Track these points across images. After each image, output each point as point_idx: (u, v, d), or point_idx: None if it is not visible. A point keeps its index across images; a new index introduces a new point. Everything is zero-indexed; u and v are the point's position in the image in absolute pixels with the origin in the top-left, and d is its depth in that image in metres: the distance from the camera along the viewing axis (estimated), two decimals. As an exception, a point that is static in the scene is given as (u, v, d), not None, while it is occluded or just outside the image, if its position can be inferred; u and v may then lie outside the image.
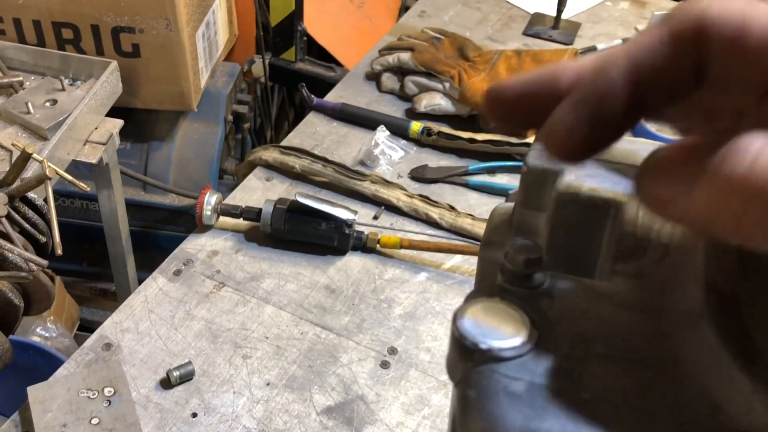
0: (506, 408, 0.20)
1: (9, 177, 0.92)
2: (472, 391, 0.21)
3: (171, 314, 0.89)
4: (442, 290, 0.96)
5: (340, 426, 0.79)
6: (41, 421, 0.75)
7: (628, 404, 0.20)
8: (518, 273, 0.24)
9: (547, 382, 0.21)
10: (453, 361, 0.23)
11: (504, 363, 0.22)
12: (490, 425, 0.20)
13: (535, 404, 0.20)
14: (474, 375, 0.22)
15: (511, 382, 0.21)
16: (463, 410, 0.21)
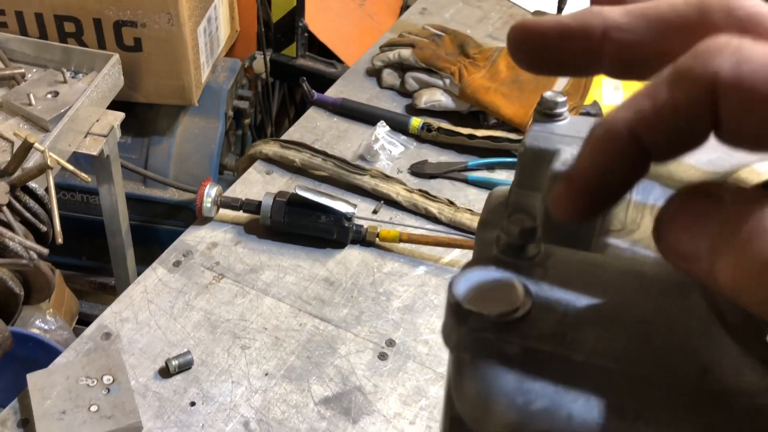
0: (499, 370, 0.21)
1: (10, 167, 0.92)
2: (467, 354, 0.22)
3: (170, 305, 0.89)
4: (441, 284, 0.97)
5: (337, 416, 0.79)
6: (40, 408, 0.75)
7: (619, 368, 0.20)
8: (513, 244, 0.25)
9: (540, 346, 0.21)
10: (449, 326, 0.23)
11: (498, 327, 0.22)
12: (483, 386, 0.21)
13: (528, 366, 0.21)
14: (468, 338, 0.22)
15: (504, 346, 0.21)
16: (458, 373, 0.22)
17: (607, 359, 0.21)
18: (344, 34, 1.95)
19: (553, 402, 0.20)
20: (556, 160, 0.31)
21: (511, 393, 0.20)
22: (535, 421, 0.20)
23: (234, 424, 0.78)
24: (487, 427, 0.21)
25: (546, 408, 0.20)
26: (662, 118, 0.20)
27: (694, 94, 0.19)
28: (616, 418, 0.19)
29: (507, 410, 0.20)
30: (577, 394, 0.20)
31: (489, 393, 0.20)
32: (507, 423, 0.20)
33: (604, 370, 0.20)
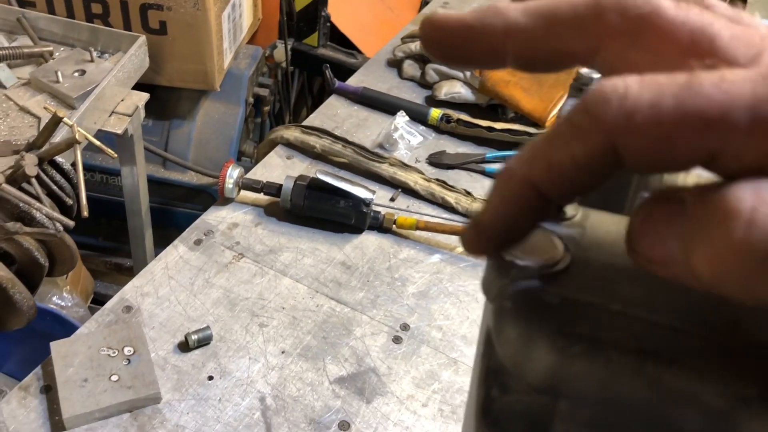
0: (540, 316, 0.22)
1: (39, 140, 0.94)
2: (509, 302, 0.23)
3: (190, 281, 0.91)
4: (456, 272, 0.98)
5: (351, 395, 0.81)
6: (63, 375, 0.77)
7: (656, 319, 0.22)
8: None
9: (580, 296, 0.23)
10: (489, 279, 0.25)
11: (539, 279, 0.23)
12: (524, 330, 0.22)
13: (568, 313, 0.22)
14: (510, 288, 0.23)
15: (545, 295, 0.23)
16: (500, 320, 0.23)
17: (643, 309, 0.22)
18: (364, 25, 1.97)
19: (592, 345, 0.21)
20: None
21: (551, 336, 0.21)
22: (574, 362, 0.21)
23: (250, 399, 0.79)
24: (528, 368, 0.22)
25: (585, 351, 0.21)
26: (561, 172, 0.20)
27: (590, 148, 0.20)
28: (651, 362, 0.20)
29: (548, 352, 0.21)
30: (615, 339, 0.21)
31: (530, 336, 0.22)
32: (547, 364, 0.21)
33: (640, 318, 0.22)
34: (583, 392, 0.21)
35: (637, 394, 0.20)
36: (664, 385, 0.20)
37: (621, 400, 0.21)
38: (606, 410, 0.21)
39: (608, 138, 0.19)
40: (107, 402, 0.75)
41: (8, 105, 1.10)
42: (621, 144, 0.19)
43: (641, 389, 0.20)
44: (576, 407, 0.22)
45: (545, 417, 0.23)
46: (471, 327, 0.91)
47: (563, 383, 0.21)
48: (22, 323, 0.85)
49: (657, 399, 0.20)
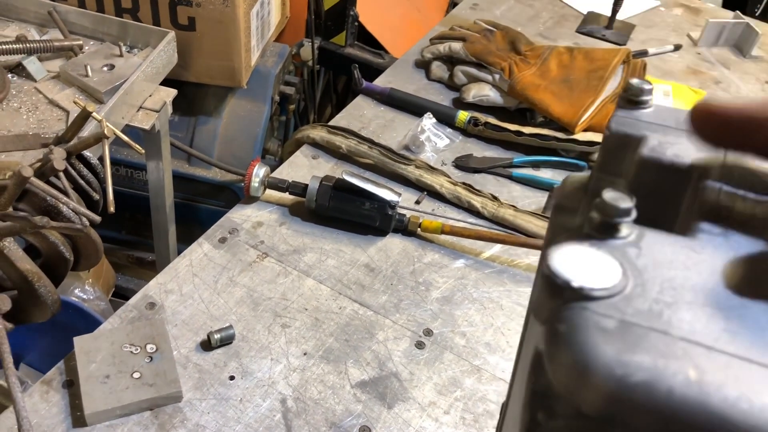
0: (598, 341, 0.21)
1: (67, 134, 0.94)
2: (563, 326, 0.22)
3: (214, 279, 0.90)
4: (480, 278, 0.97)
5: (372, 400, 0.80)
6: (85, 371, 0.77)
7: (719, 347, 0.20)
8: (607, 222, 0.25)
9: (638, 321, 0.21)
10: (541, 299, 0.24)
11: (594, 302, 0.22)
12: (581, 356, 0.21)
13: (627, 339, 0.21)
14: (565, 311, 0.22)
15: (601, 319, 0.22)
16: (553, 344, 0.22)
17: (707, 338, 0.21)
18: (392, 25, 1.96)
19: (653, 376, 0.20)
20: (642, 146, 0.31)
21: (609, 364, 0.20)
22: (634, 392, 0.20)
23: (271, 400, 0.78)
24: (583, 396, 0.21)
25: (645, 381, 0.20)
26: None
27: None
28: (718, 396, 0.19)
29: (605, 381, 0.20)
30: (678, 370, 0.20)
31: (587, 363, 0.21)
32: (605, 393, 0.20)
33: (704, 347, 0.20)
34: (642, 424, 0.20)
35: (702, 429, 0.19)
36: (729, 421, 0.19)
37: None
38: (666, 444, 0.20)
39: None
40: (129, 399, 0.75)
41: (38, 98, 1.11)
42: None
43: (705, 425, 0.19)
44: (633, 439, 0.20)
45: (597, 446, 0.22)
46: (495, 334, 0.89)
47: (621, 413, 0.20)
48: (46, 316, 0.85)
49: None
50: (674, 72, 1.47)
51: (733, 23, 1.56)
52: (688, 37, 1.60)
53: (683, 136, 0.31)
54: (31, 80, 1.13)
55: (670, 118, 0.32)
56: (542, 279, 0.23)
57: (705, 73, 1.48)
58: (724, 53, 1.56)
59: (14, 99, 1.10)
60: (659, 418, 0.20)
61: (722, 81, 1.46)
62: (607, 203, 0.24)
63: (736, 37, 1.57)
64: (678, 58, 1.52)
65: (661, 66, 1.48)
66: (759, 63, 1.54)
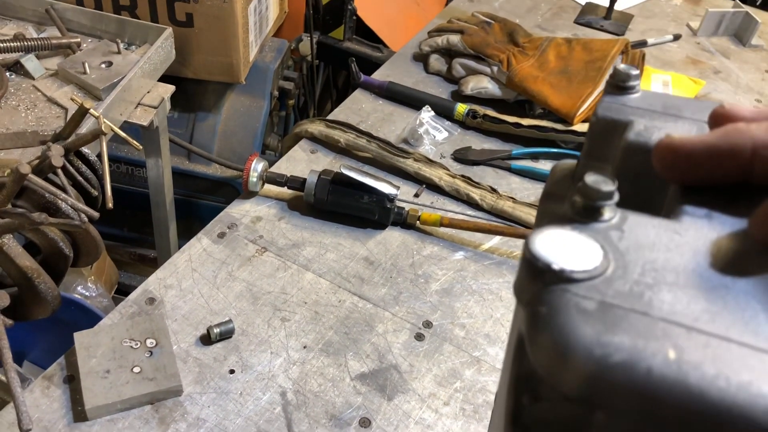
0: (577, 322, 0.21)
1: (65, 131, 0.94)
2: (543, 308, 0.22)
3: (213, 274, 0.91)
4: (480, 270, 0.97)
5: (372, 392, 0.80)
6: (86, 366, 0.77)
7: (699, 327, 0.21)
8: (589, 206, 0.25)
9: (618, 303, 0.22)
10: (522, 282, 0.24)
11: (575, 284, 0.22)
12: (561, 338, 0.21)
13: (606, 320, 0.21)
14: (545, 293, 0.22)
15: (581, 301, 0.22)
16: (534, 325, 0.22)
17: (687, 318, 0.21)
18: (390, 19, 1.95)
19: (632, 356, 0.20)
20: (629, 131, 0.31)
21: (589, 345, 0.20)
22: (613, 373, 0.20)
23: (271, 393, 0.79)
24: (564, 378, 0.21)
25: (625, 361, 0.20)
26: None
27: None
28: (696, 375, 0.19)
29: (585, 361, 0.20)
30: (657, 349, 0.20)
31: (567, 345, 0.21)
32: (585, 374, 0.20)
33: (684, 327, 0.21)
34: (622, 404, 0.20)
35: (680, 407, 0.19)
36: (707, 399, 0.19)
37: (662, 413, 0.20)
38: (646, 423, 0.20)
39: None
40: (129, 393, 0.75)
41: (36, 95, 1.11)
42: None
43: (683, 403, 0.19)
44: (614, 419, 0.21)
45: (579, 427, 0.22)
46: (494, 326, 0.89)
47: (601, 394, 0.20)
48: (47, 313, 0.86)
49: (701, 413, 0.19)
50: (674, 62, 1.47)
51: (732, 12, 1.56)
52: (688, 27, 1.60)
53: (670, 120, 0.31)
54: (29, 78, 1.13)
55: (657, 103, 0.32)
56: (524, 262, 0.24)
57: (704, 63, 1.48)
58: (723, 42, 1.56)
59: (12, 97, 1.10)
60: (639, 397, 0.20)
61: (722, 70, 1.46)
62: (589, 187, 0.24)
63: (735, 26, 1.57)
64: (677, 47, 1.52)
65: (660, 56, 1.48)
66: (759, 52, 1.53)
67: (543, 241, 0.23)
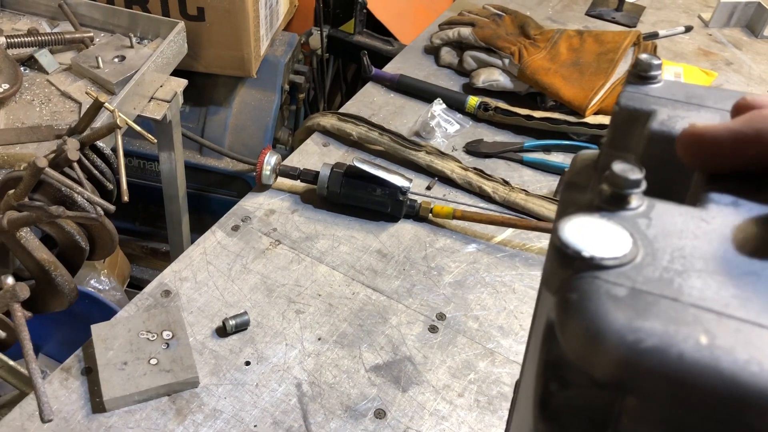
0: (609, 308, 0.21)
1: (80, 125, 0.95)
2: (574, 295, 0.22)
3: (228, 267, 0.91)
4: (492, 262, 0.97)
5: (387, 384, 0.81)
6: (103, 358, 0.78)
7: (729, 312, 0.21)
8: (617, 194, 0.25)
9: (648, 289, 0.22)
10: (551, 270, 0.24)
11: (605, 271, 0.22)
12: (592, 324, 0.21)
13: (637, 306, 0.21)
14: (575, 280, 0.22)
15: (612, 287, 0.22)
16: (564, 312, 0.22)
17: (717, 304, 0.21)
18: (400, 12, 1.95)
19: (664, 341, 0.20)
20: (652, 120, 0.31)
21: (620, 331, 0.21)
22: (644, 358, 0.20)
23: (287, 385, 0.79)
24: (595, 364, 0.21)
25: (656, 346, 0.20)
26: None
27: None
28: (728, 360, 0.20)
29: (617, 347, 0.20)
30: (689, 335, 0.20)
31: (598, 331, 0.21)
32: (616, 359, 0.20)
33: (715, 313, 0.21)
34: (654, 389, 0.20)
35: (712, 392, 0.19)
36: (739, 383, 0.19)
37: (694, 398, 0.20)
38: (677, 408, 0.20)
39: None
40: (146, 385, 0.76)
41: (50, 90, 1.11)
42: None
43: (716, 388, 0.20)
44: (645, 404, 0.21)
45: (609, 413, 0.22)
46: (508, 318, 0.90)
47: (632, 379, 0.21)
48: (64, 305, 0.86)
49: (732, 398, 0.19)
50: (685, 54, 1.46)
51: (744, 3, 1.55)
52: (699, 18, 1.59)
53: (692, 110, 0.31)
54: (44, 73, 1.14)
55: (680, 92, 0.32)
56: (553, 250, 0.24)
57: (716, 54, 1.47)
58: (735, 34, 1.55)
59: (27, 92, 1.11)
60: (670, 382, 0.20)
61: (734, 62, 1.45)
62: (617, 175, 0.25)
63: (747, 17, 1.56)
64: (689, 39, 1.51)
65: (671, 48, 1.47)
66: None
67: (572, 229, 0.24)
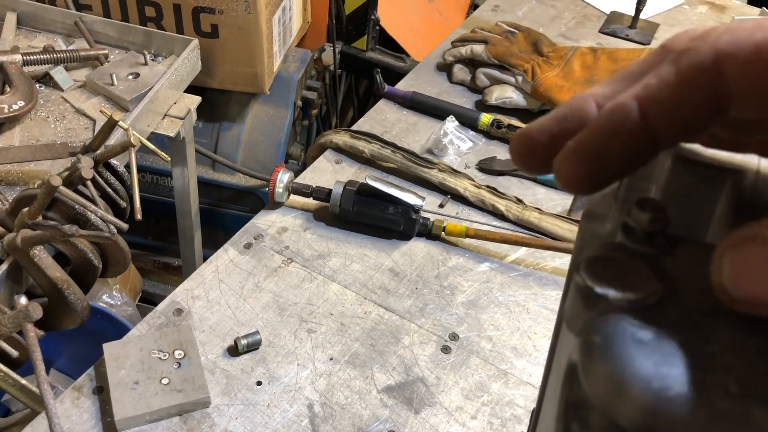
0: (635, 353, 0.21)
1: (95, 143, 0.96)
2: (598, 338, 0.22)
3: (240, 285, 0.91)
4: (506, 281, 0.96)
5: (399, 405, 0.80)
6: (115, 377, 0.78)
7: (759, 362, 0.20)
8: (641, 230, 0.24)
9: (675, 333, 0.21)
10: (575, 310, 0.23)
11: (630, 313, 0.22)
12: (618, 369, 0.21)
13: (664, 351, 0.21)
14: (600, 322, 0.22)
15: (638, 331, 0.21)
16: (588, 356, 0.22)
17: (747, 352, 0.20)
18: (413, 28, 1.96)
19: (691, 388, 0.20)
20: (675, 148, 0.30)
21: (647, 377, 0.20)
22: (672, 406, 0.20)
23: (298, 405, 0.79)
24: (620, 410, 0.21)
25: (684, 394, 0.20)
26: (670, 93, 0.21)
27: (697, 65, 0.20)
28: (758, 409, 0.19)
29: (643, 394, 0.20)
30: (717, 382, 0.20)
31: (624, 376, 0.20)
32: (642, 407, 0.20)
33: (745, 360, 0.20)
34: (681, 438, 0.20)
35: (742, 443, 0.19)
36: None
37: (724, 448, 0.19)
38: (706, 458, 0.20)
39: (715, 57, 0.20)
40: (158, 405, 0.75)
41: (65, 107, 1.12)
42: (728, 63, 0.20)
43: (747, 438, 0.19)
44: (672, 453, 0.20)
45: (634, 459, 0.21)
46: (522, 338, 0.89)
47: (658, 427, 0.20)
48: (76, 323, 0.87)
49: (764, 449, 0.19)
50: (700, 70, 1.45)
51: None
52: (714, 35, 1.58)
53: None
54: (59, 90, 1.15)
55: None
56: (576, 289, 0.23)
57: (731, 71, 1.46)
58: (750, 50, 1.54)
59: (42, 108, 1.11)
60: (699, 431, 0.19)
61: (749, 79, 1.44)
62: (641, 213, 0.24)
63: (762, 34, 1.55)
64: (703, 56, 1.50)
65: (686, 65, 1.46)
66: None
67: (595, 268, 0.23)
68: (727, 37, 0.20)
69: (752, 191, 0.27)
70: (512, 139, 0.25)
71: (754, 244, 0.19)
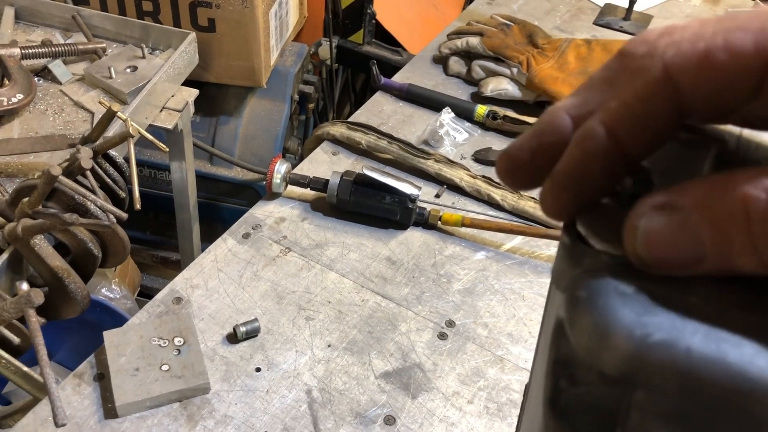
0: (617, 304, 0.22)
1: (93, 134, 0.96)
2: (583, 292, 0.23)
3: (239, 274, 0.92)
4: (502, 270, 0.97)
5: (397, 390, 0.81)
6: (115, 364, 0.79)
7: (739, 313, 0.21)
8: (626, 192, 0.25)
9: (655, 286, 0.22)
10: (561, 268, 0.24)
11: (614, 268, 0.23)
12: (601, 319, 0.22)
13: (645, 302, 0.22)
14: (584, 278, 0.23)
15: (620, 284, 0.22)
16: (573, 309, 0.23)
17: (727, 304, 0.21)
18: (408, 22, 1.96)
19: (671, 335, 0.21)
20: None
21: (628, 325, 0.21)
22: (653, 352, 0.21)
23: (297, 391, 0.80)
24: (604, 359, 0.21)
25: (664, 340, 0.21)
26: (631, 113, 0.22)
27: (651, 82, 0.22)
28: (735, 353, 0.20)
29: (625, 341, 0.21)
30: (696, 328, 0.21)
31: (607, 325, 0.21)
32: (625, 354, 0.21)
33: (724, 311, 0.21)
34: (662, 382, 0.21)
35: (719, 385, 0.20)
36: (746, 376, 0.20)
37: (702, 391, 0.20)
38: (685, 401, 0.21)
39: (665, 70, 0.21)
40: (158, 391, 0.76)
41: (63, 100, 1.13)
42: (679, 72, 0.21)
43: (723, 381, 0.20)
44: (654, 398, 0.21)
45: (618, 408, 0.22)
46: (517, 325, 0.90)
47: (641, 373, 0.21)
48: (76, 312, 0.87)
49: (740, 391, 0.20)
50: (694, 62, 1.46)
51: (752, 12, 1.55)
52: (708, 27, 1.59)
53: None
54: (57, 83, 1.16)
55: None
56: (562, 248, 0.24)
57: (725, 63, 1.47)
58: (744, 42, 1.55)
59: (41, 102, 1.12)
60: (679, 375, 0.20)
61: (743, 70, 1.45)
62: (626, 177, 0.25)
63: (756, 25, 1.56)
64: (697, 48, 1.51)
65: (680, 56, 1.47)
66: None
67: (581, 227, 0.24)
68: (672, 51, 0.21)
69: (734, 156, 0.28)
70: (497, 162, 0.26)
71: (664, 214, 0.21)
